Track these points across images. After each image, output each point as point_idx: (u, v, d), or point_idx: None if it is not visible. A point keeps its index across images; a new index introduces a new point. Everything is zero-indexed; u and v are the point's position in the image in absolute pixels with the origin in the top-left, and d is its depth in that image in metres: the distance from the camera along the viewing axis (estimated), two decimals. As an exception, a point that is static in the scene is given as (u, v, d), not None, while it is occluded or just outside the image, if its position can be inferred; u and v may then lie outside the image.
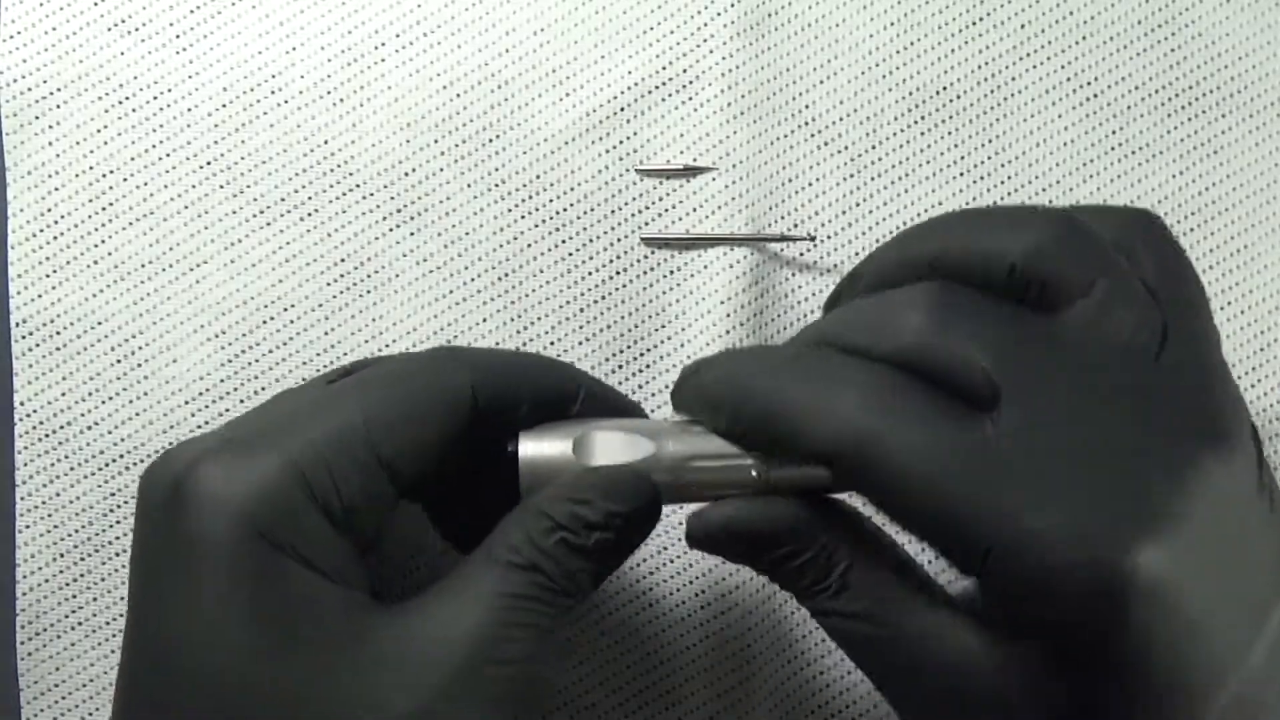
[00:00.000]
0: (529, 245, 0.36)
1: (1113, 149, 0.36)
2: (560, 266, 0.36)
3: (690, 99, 0.36)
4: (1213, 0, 0.37)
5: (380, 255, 0.36)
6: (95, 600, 0.36)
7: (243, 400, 0.36)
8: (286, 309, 0.36)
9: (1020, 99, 0.37)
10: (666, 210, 0.36)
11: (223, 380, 0.36)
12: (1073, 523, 0.22)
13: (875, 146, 0.36)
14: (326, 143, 0.36)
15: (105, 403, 0.36)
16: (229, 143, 0.36)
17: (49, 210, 0.36)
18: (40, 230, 0.36)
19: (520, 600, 0.25)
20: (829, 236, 0.36)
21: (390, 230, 0.36)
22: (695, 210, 0.36)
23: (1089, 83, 0.37)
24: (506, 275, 0.36)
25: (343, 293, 0.36)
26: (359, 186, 0.36)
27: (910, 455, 0.23)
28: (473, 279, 0.36)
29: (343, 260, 0.36)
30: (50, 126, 0.36)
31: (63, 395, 0.36)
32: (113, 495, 0.36)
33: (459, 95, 0.36)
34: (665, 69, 0.36)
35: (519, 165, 0.36)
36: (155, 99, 0.36)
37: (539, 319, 0.36)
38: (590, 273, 0.36)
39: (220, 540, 0.24)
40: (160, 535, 0.25)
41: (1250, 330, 0.36)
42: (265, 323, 0.36)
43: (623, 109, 0.36)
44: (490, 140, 0.36)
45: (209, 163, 0.36)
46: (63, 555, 0.36)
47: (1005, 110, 0.37)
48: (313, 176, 0.36)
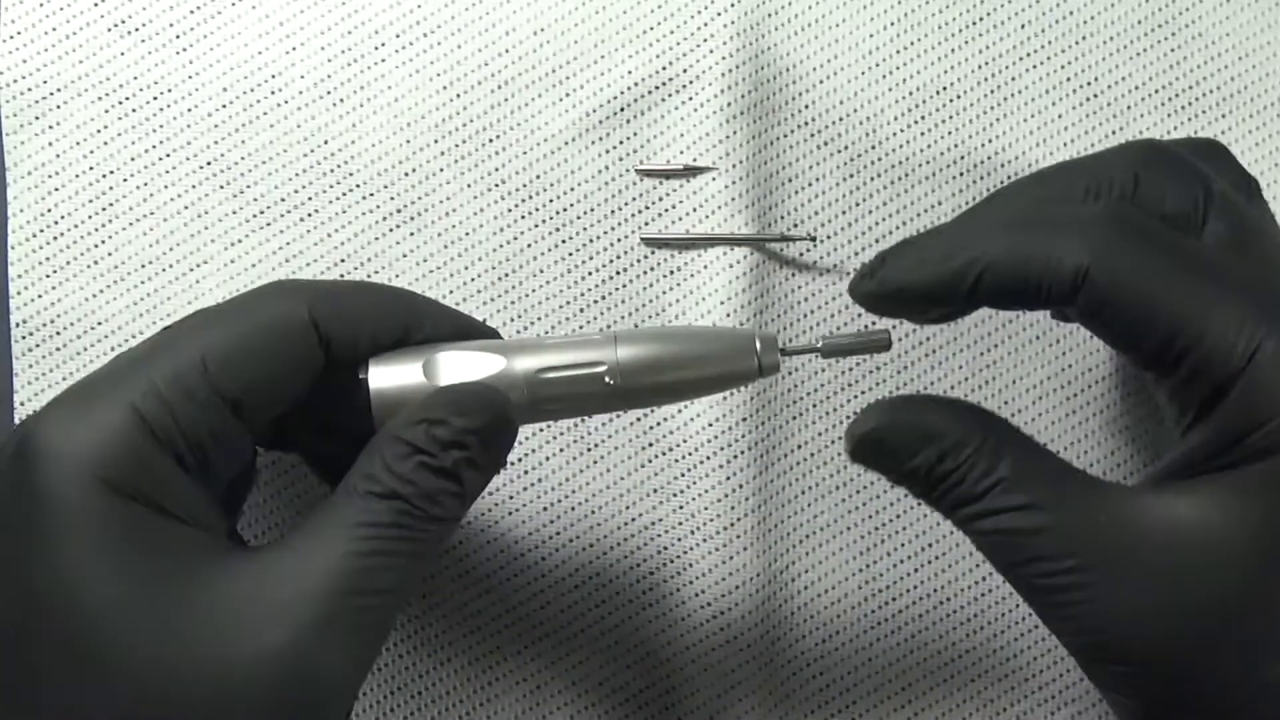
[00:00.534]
0: (529, 245, 0.36)
1: (1113, 149, 0.37)
2: (560, 266, 0.36)
3: (690, 99, 0.36)
4: (1213, 0, 0.37)
5: (380, 255, 0.36)
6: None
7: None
8: (286, 309, 0.36)
9: (1020, 99, 0.37)
10: (666, 210, 0.36)
11: (223, 380, 0.36)
12: None
13: (875, 146, 0.36)
14: (326, 143, 0.36)
15: (105, 403, 0.36)
16: (229, 143, 0.36)
17: (49, 210, 0.36)
18: (40, 230, 0.36)
19: (384, 529, 0.25)
20: (829, 236, 0.36)
21: (390, 230, 0.36)
22: (695, 210, 0.36)
23: (1089, 83, 0.37)
24: (506, 275, 0.36)
25: (343, 293, 0.36)
26: (359, 186, 0.36)
27: (1153, 262, 0.25)
28: (473, 279, 0.36)
29: (343, 260, 0.36)
30: (50, 126, 0.36)
31: (63, 395, 0.36)
32: (113, 495, 0.36)
33: (459, 95, 0.36)
34: (665, 69, 0.36)
35: (519, 165, 0.36)
36: (155, 99, 0.36)
37: (539, 319, 0.36)
38: (590, 273, 0.36)
39: (67, 495, 0.24)
40: (10, 495, 0.24)
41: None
42: (265, 323, 0.36)
43: (623, 109, 0.36)
44: (490, 140, 0.36)
45: (209, 163, 0.36)
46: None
47: (1005, 110, 0.37)
48: (312, 177, 0.36)
